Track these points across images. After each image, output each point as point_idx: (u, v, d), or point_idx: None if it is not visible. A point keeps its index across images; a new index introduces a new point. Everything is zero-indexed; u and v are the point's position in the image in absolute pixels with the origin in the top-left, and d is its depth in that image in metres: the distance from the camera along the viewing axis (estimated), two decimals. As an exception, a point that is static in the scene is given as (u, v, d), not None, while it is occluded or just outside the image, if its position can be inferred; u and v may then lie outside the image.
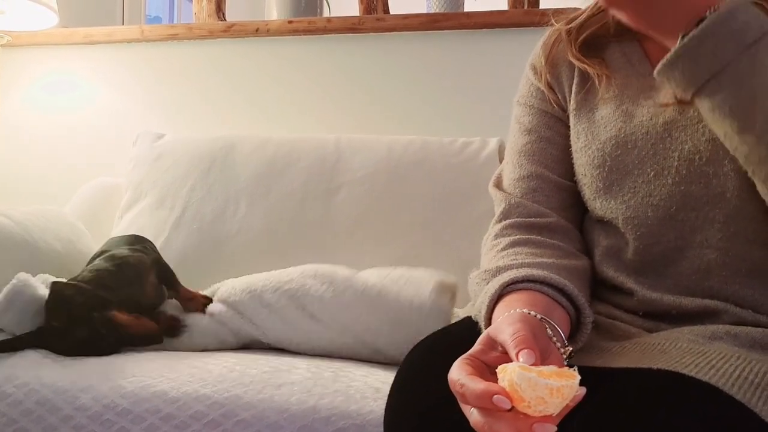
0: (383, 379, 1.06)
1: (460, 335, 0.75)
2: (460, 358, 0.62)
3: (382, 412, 0.95)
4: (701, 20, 0.65)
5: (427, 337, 0.81)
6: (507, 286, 0.73)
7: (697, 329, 0.72)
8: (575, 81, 0.89)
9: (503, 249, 0.83)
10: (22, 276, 1.24)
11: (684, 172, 0.78)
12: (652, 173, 0.80)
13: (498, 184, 0.94)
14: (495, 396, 0.55)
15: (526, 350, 0.58)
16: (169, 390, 1.01)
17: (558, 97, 0.91)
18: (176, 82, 2.18)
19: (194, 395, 0.99)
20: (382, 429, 0.93)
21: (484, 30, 2.00)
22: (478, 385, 0.57)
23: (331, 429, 0.94)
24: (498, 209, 0.90)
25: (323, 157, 1.77)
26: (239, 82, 2.14)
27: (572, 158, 0.89)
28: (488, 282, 0.76)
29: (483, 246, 0.90)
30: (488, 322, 0.72)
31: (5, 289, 1.22)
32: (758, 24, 0.65)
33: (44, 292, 1.22)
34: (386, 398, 1.00)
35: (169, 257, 1.71)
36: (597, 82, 0.87)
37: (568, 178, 0.90)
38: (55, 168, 2.21)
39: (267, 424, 0.95)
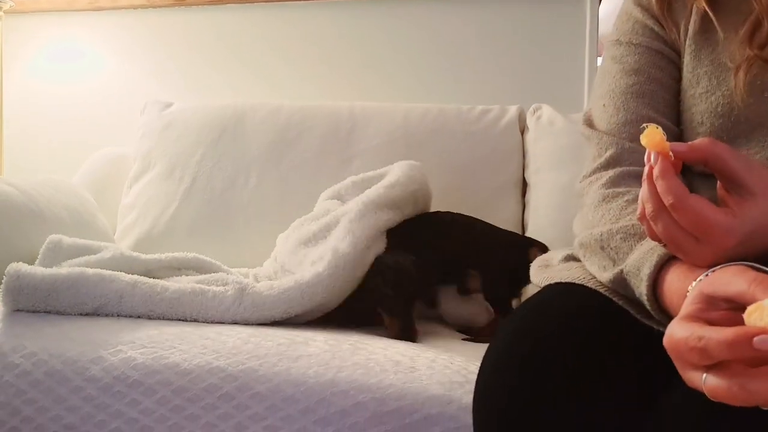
0: (403, 352, 1.02)
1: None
2: (676, 319, 0.52)
3: (402, 385, 0.92)
4: None
5: (523, 310, 0.73)
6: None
7: None
8: (693, 19, 0.82)
9: (635, 201, 0.74)
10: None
11: None
12: None
13: (591, 125, 0.87)
14: (757, 338, 0.44)
15: None
16: (181, 362, 0.97)
17: (671, 36, 0.84)
18: (184, 50, 2.13)
19: (207, 368, 0.96)
20: (401, 403, 0.90)
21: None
22: (724, 332, 0.46)
23: (349, 402, 0.90)
24: (604, 152, 0.82)
25: (337, 125, 1.72)
26: (249, 49, 2.09)
27: (682, 104, 0.82)
28: (638, 239, 0.68)
29: (586, 187, 0.83)
30: (651, 282, 0.64)
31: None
32: None
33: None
34: (407, 372, 0.97)
35: (179, 228, 1.68)
36: (716, 23, 0.78)
37: (676, 124, 0.83)
38: (62, 138, 2.18)
39: (283, 398, 0.92)
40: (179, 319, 1.17)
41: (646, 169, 0.60)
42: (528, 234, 1.61)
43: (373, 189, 1.37)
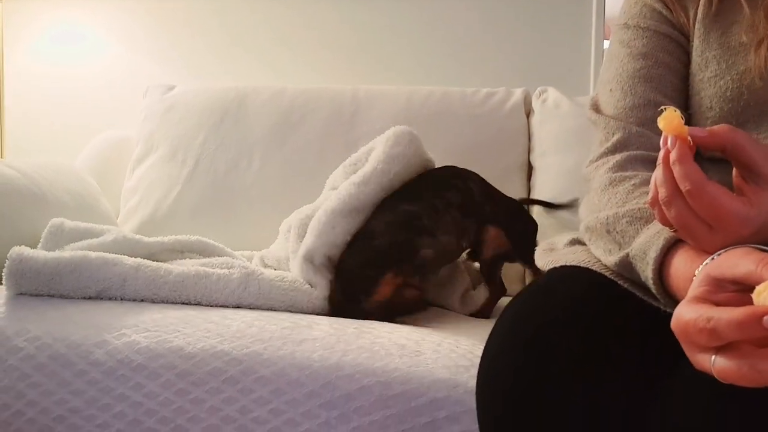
0: (408, 336, 1.02)
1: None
2: (683, 302, 0.52)
3: (408, 369, 0.91)
4: None
5: (525, 295, 0.72)
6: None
7: None
8: (702, 2, 0.81)
9: (642, 185, 0.74)
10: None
11: None
12: None
13: (597, 109, 0.86)
14: (767, 317, 0.44)
15: None
16: (185, 345, 0.97)
17: (680, 20, 0.83)
18: (186, 33, 2.12)
19: (211, 351, 0.95)
20: (406, 387, 0.89)
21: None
22: (734, 312, 0.46)
23: (354, 386, 0.90)
24: (611, 136, 0.81)
25: (340, 108, 1.71)
26: (251, 33, 2.08)
27: (691, 89, 0.81)
28: (644, 223, 0.68)
29: (593, 171, 0.82)
30: (657, 266, 0.63)
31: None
32: None
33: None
34: (412, 355, 0.96)
35: (182, 211, 1.68)
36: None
37: (685, 109, 0.82)
38: (64, 121, 2.17)
39: (288, 381, 0.91)
40: (183, 303, 1.16)
41: (662, 153, 0.59)
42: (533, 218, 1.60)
43: (342, 188, 1.28)
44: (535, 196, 1.64)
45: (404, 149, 1.32)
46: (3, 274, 1.13)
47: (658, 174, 0.60)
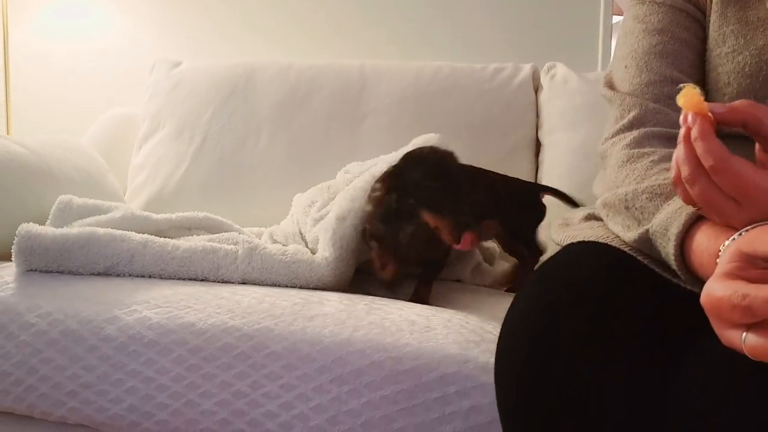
0: (418, 312, 1.02)
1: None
2: (713, 277, 0.51)
3: (419, 345, 0.91)
4: None
5: (547, 268, 0.71)
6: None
7: None
8: None
9: (661, 161, 0.73)
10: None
11: None
12: None
13: (612, 86, 0.84)
14: None
15: None
16: (197, 321, 0.97)
17: None
18: (192, 8, 2.10)
19: (222, 327, 0.96)
20: (417, 362, 0.89)
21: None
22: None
23: (365, 362, 0.90)
24: (627, 113, 0.81)
25: (347, 84, 1.70)
26: (257, 8, 2.06)
27: (708, 64, 0.80)
28: (664, 199, 0.67)
29: (609, 148, 0.81)
30: (679, 242, 0.63)
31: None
32: None
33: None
34: (423, 331, 0.96)
35: (189, 188, 1.68)
36: None
37: (702, 85, 0.81)
38: (70, 98, 2.16)
39: (299, 357, 0.92)
40: (191, 278, 1.16)
41: (683, 130, 0.58)
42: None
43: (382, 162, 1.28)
44: (543, 172, 1.63)
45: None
46: (12, 250, 1.13)
47: (679, 153, 0.59)
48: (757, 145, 0.60)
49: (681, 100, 0.59)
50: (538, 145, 1.68)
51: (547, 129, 1.65)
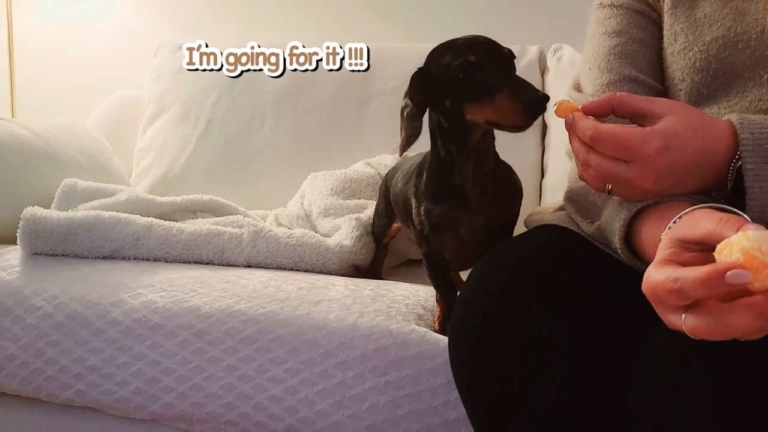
0: (424, 297, 1.02)
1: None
2: (651, 265, 0.53)
3: (424, 330, 0.91)
4: None
5: (502, 251, 0.73)
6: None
7: None
8: None
9: None
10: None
11: None
12: (766, 76, 0.73)
13: (579, 89, 0.87)
14: (729, 272, 0.45)
15: (750, 225, 0.48)
16: (202, 305, 0.97)
17: None
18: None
19: (228, 311, 0.96)
20: (422, 347, 0.89)
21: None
22: (697, 270, 0.47)
23: (371, 347, 0.90)
24: None
25: (353, 66, 1.69)
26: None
27: (664, 62, 0.83)
28: (609, 196, 0.69)
29: None
30: (624, 235, 0.65)
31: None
32: None
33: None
34: (428, 317, 0.96)
35: (194, 171, 1.68)
36: None
37: (660, 83, 0.83)
38: (75, 81, 2.15)
39: (304, 341, 0.92)
40: (196, 262, 1.16)
41: (568, 133, 0.65)
42: (547, 178, 1.58)
43: None
44: (549, 155, 1.62)
45: None
46: (17, 234, 1.13)
47: (571, 147, 0.65)
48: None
49: (556, 113, 0.66)
50: (544, 127, 1.67)
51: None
